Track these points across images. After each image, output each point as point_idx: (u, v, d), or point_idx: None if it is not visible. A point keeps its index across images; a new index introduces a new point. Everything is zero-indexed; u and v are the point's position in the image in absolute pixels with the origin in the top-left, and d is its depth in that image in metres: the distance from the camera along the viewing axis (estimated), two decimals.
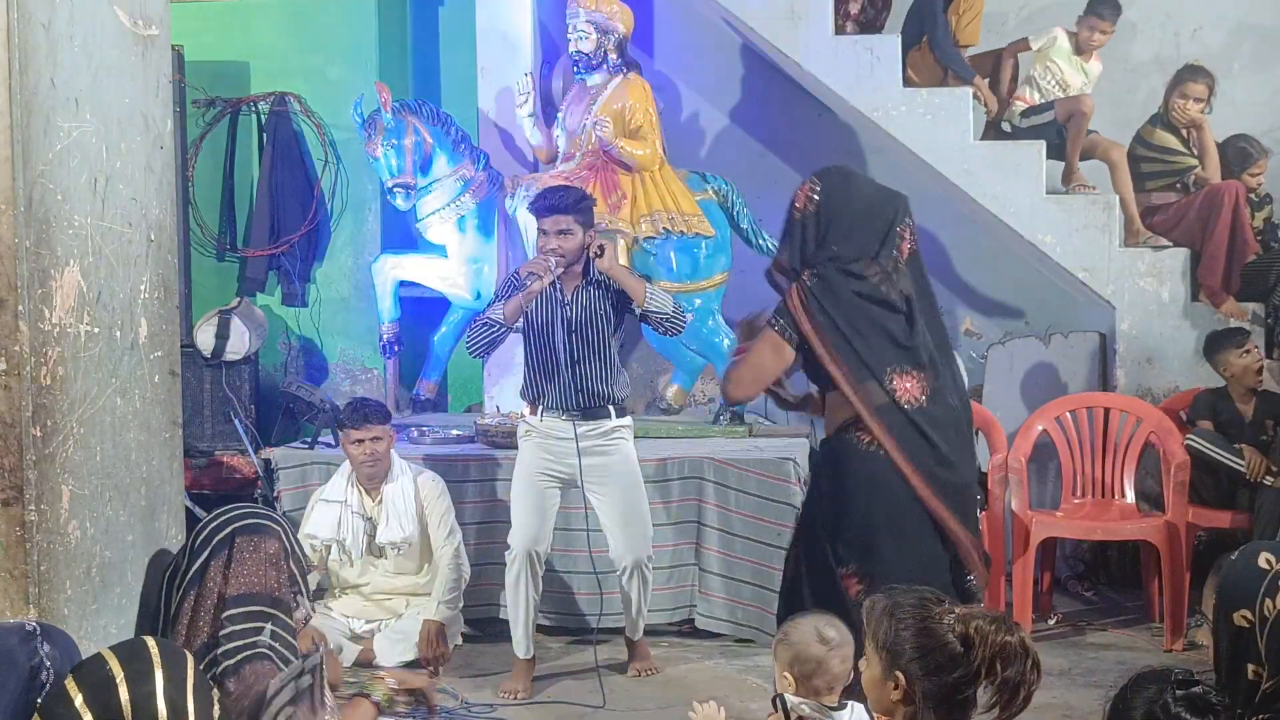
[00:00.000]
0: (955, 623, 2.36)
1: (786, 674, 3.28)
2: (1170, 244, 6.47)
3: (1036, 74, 6.73)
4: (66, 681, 2.23)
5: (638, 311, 5.06)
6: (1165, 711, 2.20)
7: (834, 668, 3.22)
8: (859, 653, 2.79)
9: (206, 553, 3.01)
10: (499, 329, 5.10)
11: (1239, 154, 6.58)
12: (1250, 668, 2.46)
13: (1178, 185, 6.59)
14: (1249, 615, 2.46)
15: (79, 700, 2.18)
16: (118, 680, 2.20)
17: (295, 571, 3.17)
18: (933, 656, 2.34)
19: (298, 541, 3.28)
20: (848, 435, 3.82)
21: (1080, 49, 6.68)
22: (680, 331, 5.24)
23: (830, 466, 3.88)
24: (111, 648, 2.33)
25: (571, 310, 5.08)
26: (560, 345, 5.06)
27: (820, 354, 3.79)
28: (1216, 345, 6.02)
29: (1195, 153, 6.60)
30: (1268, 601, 2.44)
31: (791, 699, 3.23)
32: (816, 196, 3.91)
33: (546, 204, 5.08)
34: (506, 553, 5.17)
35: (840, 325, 3.78)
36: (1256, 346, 5.97)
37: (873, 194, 3.97)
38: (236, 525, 3.05)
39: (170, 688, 2.22)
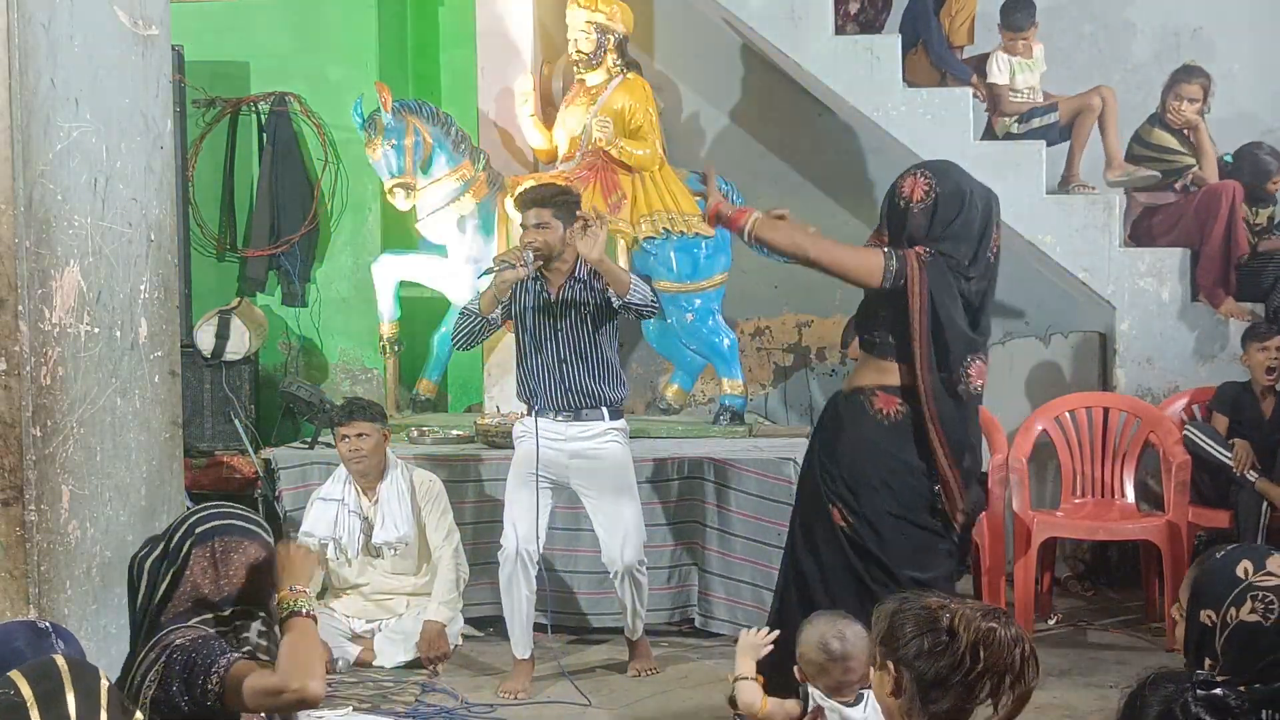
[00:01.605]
0: (945, 613, 2.38)
1: (799, 666, 3.41)
2: (1096, 192, 6.50)
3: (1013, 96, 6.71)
4: None
5: (616, 303, 4.97)
6: (1185, 711, 2.20)
7: (835, 676, 3.34)
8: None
9: (189, 542, 2.96)
10: (475, 319, 5.09)
11: (1254, 166, 6.54)
12: (1208, 662, 2.50)
13: (1175, 185, 6.59)
14: (1213, 616, 2.50)
15: None
16: (29, 704, 2.15)
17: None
18: (919, 641, 2.37)
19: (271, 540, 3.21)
20: (862, 398, 4.23)
21: (1014, 56, 6.69)
22: (655, 314, 5.19)
23: (836, 420, 4.28)
24: (20, 669, 2.27)
25: (557, 308, 5.06)
26: (547, 344, 5.06)
27: (914, 321, 4.13)
28: (1245, 335, 6.02)
29: (1193, 152, 6.59)
30: (1231, 609, 2.48)
31: (816, 693, 3.35)
32: (933, 194, 4.19)
33: (526, 198, 5.11)
34: (499, 553, 5.17)
35: (940, 312, 4.14)
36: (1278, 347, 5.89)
37: (975, 198, 4.26)
38: (219, 524, 3.01)
39: (83, 708, 2.18)
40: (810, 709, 3.33)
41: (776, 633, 3.56)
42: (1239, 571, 2.52)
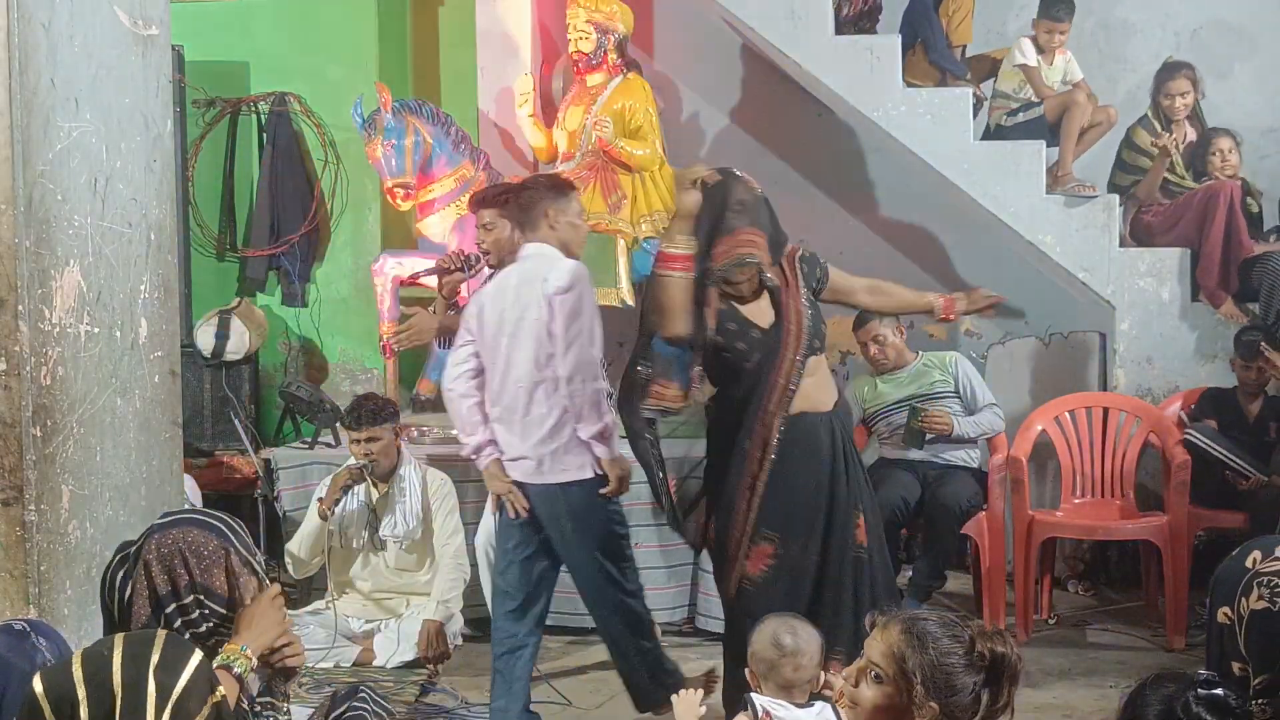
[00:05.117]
0: (972, 637, 2.37)
1: (750, 667, 3.41)
2: (1095, 194, 6.42)
3: (1010, 88, 6.66)
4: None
5: None
6: (1186, 710, 2.20)
7: (785, 673, 3.34)
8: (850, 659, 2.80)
9: (143, 542, 2.95)
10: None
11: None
12: (1235, 665, 2.47)
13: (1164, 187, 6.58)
14: (1229, 613, 2.48)
15: (78, 672, 2.27)
16: (154, 658, 2.29)
17: (239, 563, 3.04)
18: (973, 693, 2.35)
19: (243, 534, 3.17)
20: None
21: (1042, 50, 6.64)
22: None
23: (847, 432, 4.55)
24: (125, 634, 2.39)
25: None
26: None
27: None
28: (1234, 344, 6.00)
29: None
30: (1243, 600, 2.46)
31: (759, 699, 3.30)
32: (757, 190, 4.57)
33: (474, 200, 5.10)
34: (473, 538, 5.18)
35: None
36: (1262, 366, 5.82)
37: None
38: (170, 519, 2.99)
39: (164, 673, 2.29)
40: (759, 717, 3.30)
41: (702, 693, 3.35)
42: (1248, 562, 2.51)
